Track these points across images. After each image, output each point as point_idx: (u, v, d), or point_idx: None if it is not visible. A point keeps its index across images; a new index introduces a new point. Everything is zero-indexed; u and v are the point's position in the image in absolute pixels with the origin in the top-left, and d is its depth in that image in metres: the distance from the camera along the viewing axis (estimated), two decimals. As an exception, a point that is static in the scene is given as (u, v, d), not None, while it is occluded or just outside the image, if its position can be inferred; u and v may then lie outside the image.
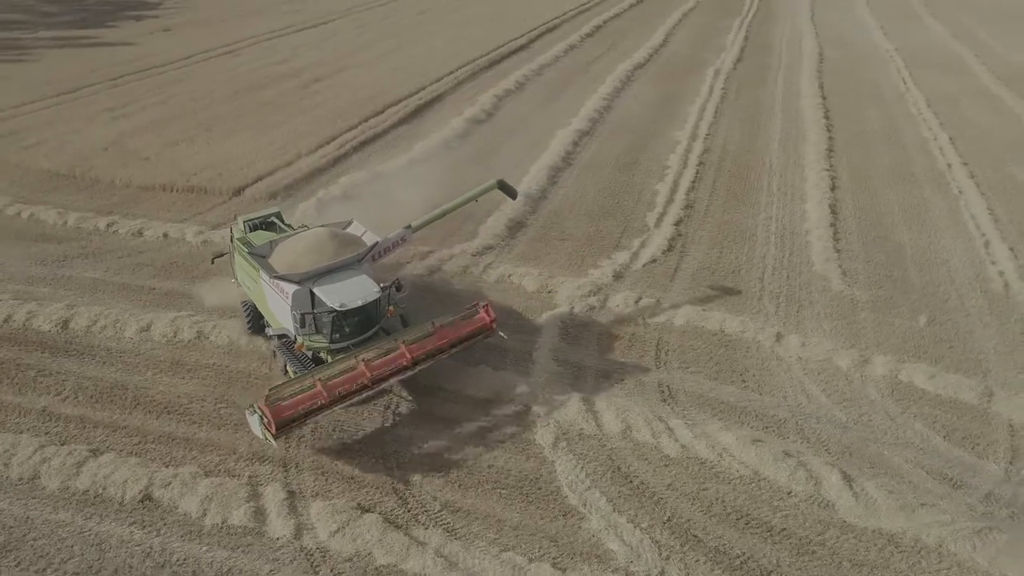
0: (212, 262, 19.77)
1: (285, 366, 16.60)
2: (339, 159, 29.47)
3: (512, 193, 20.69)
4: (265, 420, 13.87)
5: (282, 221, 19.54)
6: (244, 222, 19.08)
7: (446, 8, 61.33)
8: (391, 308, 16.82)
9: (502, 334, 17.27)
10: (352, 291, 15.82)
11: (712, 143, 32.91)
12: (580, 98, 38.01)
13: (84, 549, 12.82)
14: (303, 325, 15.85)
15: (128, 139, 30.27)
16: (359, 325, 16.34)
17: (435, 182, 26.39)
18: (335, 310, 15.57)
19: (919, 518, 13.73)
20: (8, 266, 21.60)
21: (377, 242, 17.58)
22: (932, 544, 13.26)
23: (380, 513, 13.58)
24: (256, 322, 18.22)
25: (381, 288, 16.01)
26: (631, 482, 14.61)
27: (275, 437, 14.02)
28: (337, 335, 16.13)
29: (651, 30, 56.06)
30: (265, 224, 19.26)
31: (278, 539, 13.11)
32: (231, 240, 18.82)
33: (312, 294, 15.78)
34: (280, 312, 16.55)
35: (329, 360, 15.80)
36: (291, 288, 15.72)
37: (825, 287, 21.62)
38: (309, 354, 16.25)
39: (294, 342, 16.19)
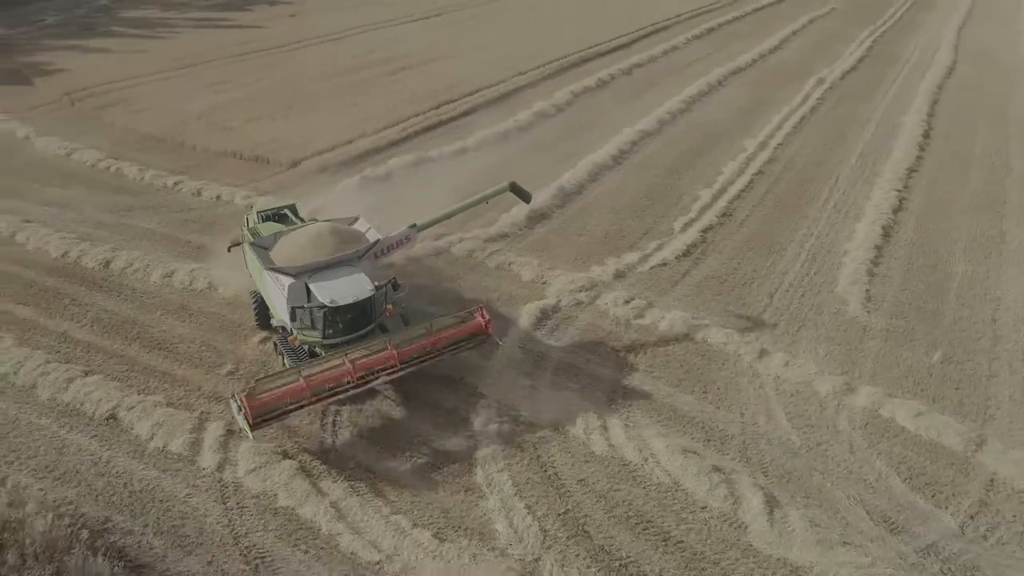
0: (228, 250, 19.79)
1: (283, 359, 16.86)
2: (397, 142, 30.89)
3: (525, 196, 20.55)
4: (243, 411, 14.09)
5: (295, 214, 19.78)
6: (258, 213, 19.68)
7: (558, 5, 61.68)
8: (390, 307, 16.80)
9: (498, 341, 17.22)
10: (346, 288, 15.86)
11: (780, 154, 31.30)
12: (660, 99, 37.27)
13: (48, 451, 14.81)
14: (294, 319, 15.96)
15: (220, 111, 33.37)
16: (353, 322, 16.29)
17: (474, 172, 27.27)
18: (326, 306, 15.62)
19: (834, 556, 12.88)
20: (84, 211, 24.72)
21: (378, 240, 17.49)
22: (835, 583, 12.45)
23: (298, 461, 14.58)
24: (264, 314, 18.25)
25: (376, 287, 16.03)
26: (545, 471, 14.69)
27: (252, 428, 14.17)
28: (331, 331, 16.14)
29: (767, 34, 53.57)
30: (278, 216, 19.58)
31: (203, 469, 14.47)
32: (244, 229, 19.59)
33: (308, 288, 15.91)
34: (279, 304, 16.66)
35: (322, 355, 15.89)
36: (287, 281, 16.03)
37: (839, 310, 20.25)
38: (306, 348, 16.36)
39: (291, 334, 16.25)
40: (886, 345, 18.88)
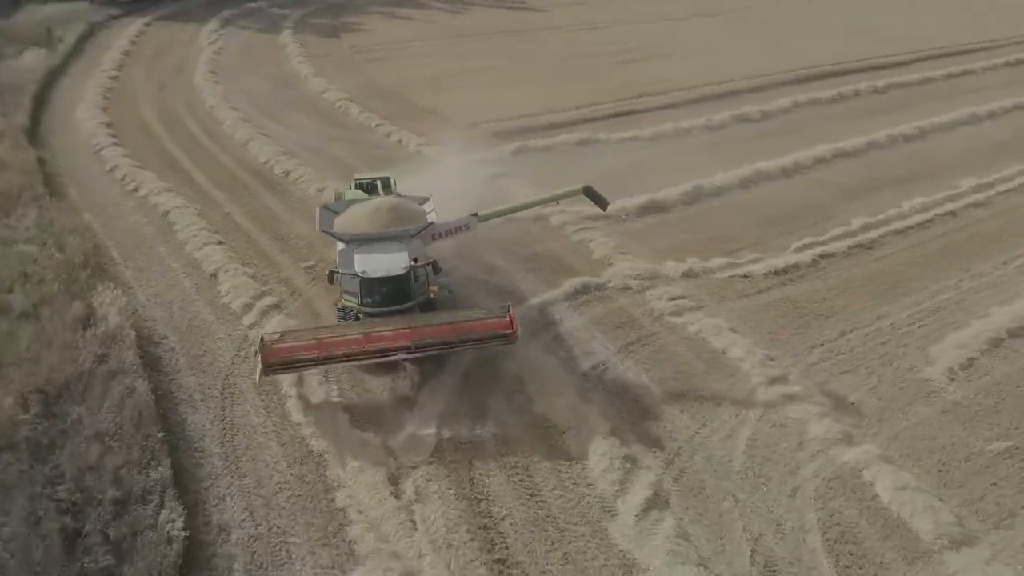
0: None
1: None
2: (577, 121, 32.42)
3: (602, 203, 19.87)
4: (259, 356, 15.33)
5: (387, 187, 20.81)
6: (354, 180, 21.29)
7: (857, 10, 55.96)
8: (434, 288, 17.45)
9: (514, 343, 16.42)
10: (381, 262, 16.50)
11: (998, 200, 26.16)
12: (890, 122, 33.01)
13: (164, 285, 20.13)
14: (331, 282, 17.24)
15: (448, 77, 38.11)
16: (390, 296, 16.72)
17: (627, 161, 28.12)
18: (358, 275, 16.60)
19: (679, 570, 12.34)
20: (304, 134, 30.91)
21: (431, 223, 18.04)
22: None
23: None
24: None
25: (412, 266, 16.52)
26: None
27: (262, 374, 15.38)
28: (368, 300, 16.77)
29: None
30: (370, 186, 20.79)
31: (242, 325, 18.45)
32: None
33: (352, 256, 16.98)
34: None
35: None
36: (340, 246, 17.52)
37: (913, 367, 17.52)
38: (353, 311, 17.21)
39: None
40: (941, 417, 16.04)
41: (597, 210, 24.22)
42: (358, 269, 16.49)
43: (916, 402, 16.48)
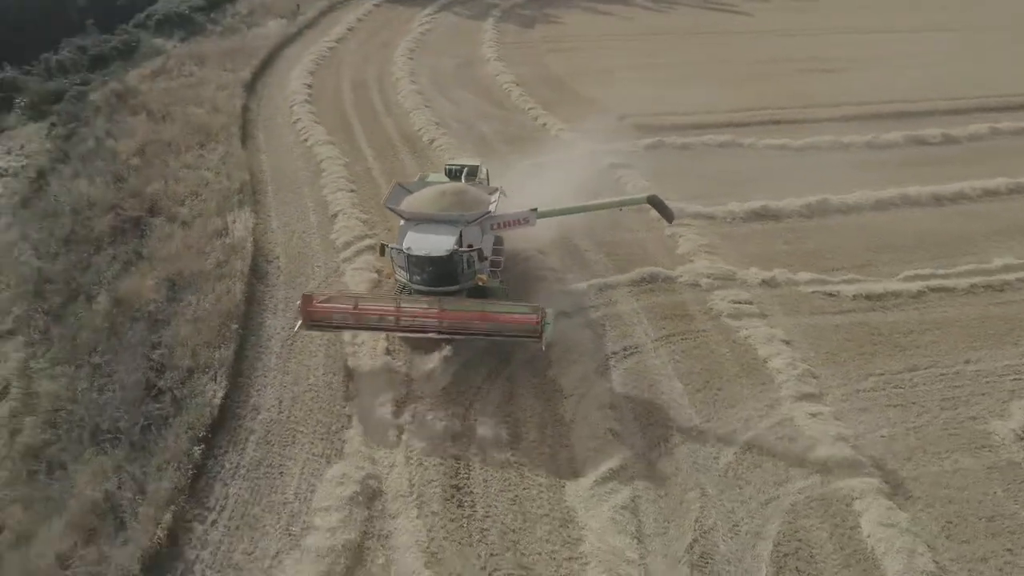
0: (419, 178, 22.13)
1: None
2: (729, 124, 31.56)
3: (667, 214, 19.39)
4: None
5: (472, 175, 21.14)
6: (445, 165, 22.13)
7: None
8: (482, 277, 17.63)
9: (543, 347, 16.36)
10: (427, 242, 17.03)
11: None
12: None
13: (296, 215, 23.69)
14: (381, 254, 18.17)
15: (621, 71, 38.59)
16: (435, 276, 17.21)
17: (764, 167, 27.45)
18: (402, 251, 17.27)
19: (610, 526, 12.81)
20: (463, 110, 33.59)
21: (487, 213, 18.15)
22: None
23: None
24: None
25: (454, 251, 16.87)
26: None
27: (300, 326, 16.69)
28: (416, 277, 17.39)
29: None
30: (458, 172, 21.33)
31: (339, 258, 21.32)
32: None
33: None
34: None
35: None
36: (401, 223, 18.39)
37: (980, 416, 15.75)
38: (404, 287, 17.93)
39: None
40: (984, 472, 14.55)
41: (700, 207, 24.47)
42: (404, 245, 17.21)
43: (961, 451, 14.97)
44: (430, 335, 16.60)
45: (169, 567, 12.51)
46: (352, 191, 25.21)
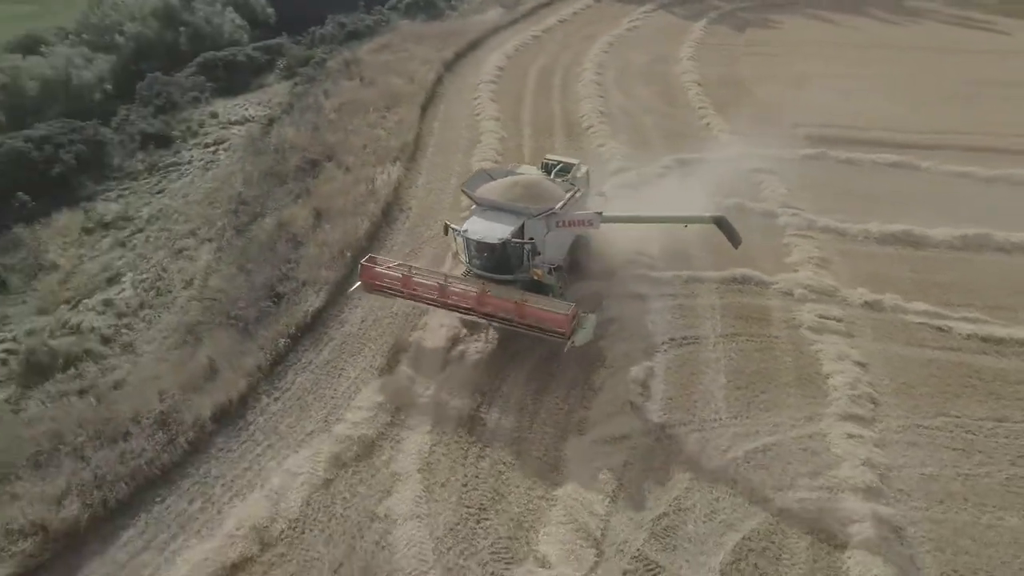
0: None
1: None
2: (914, 146, 28.72)
3: (734, 239, 17.59)
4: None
5: (564, 172, 20.75)
6: (544, 158, 22.02)
7: None
8: (536, 271, 17.54)
9: (572, 344, 16.28)
10: (485, 228, 17.35)
11: None
12: None
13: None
14: (445, 233, 18.69)
15: (815, 79, 36.17)
16: (489, 263, 17.50)
17: (923, 193, 25.33)
18: (458, 232, 17.71)
19: (588, 482, 13.63)
20: (628, 102, 34.35)
21: (551, 209, 17.93)
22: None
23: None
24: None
25: (508, 240, 17.02)
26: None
27: (357, 287, 18.02)
28: (474, 261, 17.76)
29: None
30: (552, 167, 21.17)
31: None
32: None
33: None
34: None
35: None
36: (472, 206, 18.84)
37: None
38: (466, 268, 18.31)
39: None
40: (1029, 534, 12.88)
41: (833, 221, 23.26)
42: (462, 227, 17.70)
43: (1011, 510, 13.49)
44: (467, 316, 17.23)
45: (231, 422, 15.68)
46: (496, 163, 27.37)
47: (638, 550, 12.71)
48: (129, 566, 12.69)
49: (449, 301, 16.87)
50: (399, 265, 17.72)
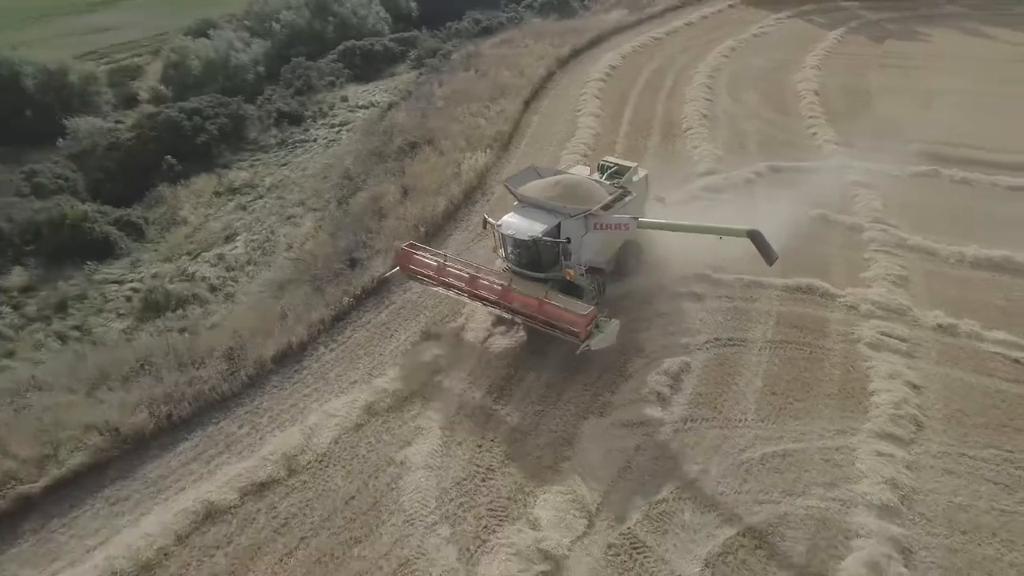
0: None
1: None
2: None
3: (767, 255, 16.58)
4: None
5: (617, 175, 20.33)
6: (601, 160, 21.51)
7: None
8: (570, 271, 17.57)
9: (587, 346, 15.99)
10: (519, 224, 17.42)
11: None
12: None
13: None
14: (484, 227, 18.93)
15: (944, 95, 33.76)
16: (523, 259, 17.64)
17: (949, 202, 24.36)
18: (493, 225, 17.92)
19: (603, 460, 14.08)
20: (736, 107, 33.60)
21: (588, 210, 17.60)
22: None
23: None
24: None
25: (539, 239, 17.01)
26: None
27: (394, 271, 18.68)
28: (512, 257, 17.87)
29: None
30: (606, 168, 20.79)
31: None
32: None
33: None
34: None
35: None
36: (514, 202, 18.68)
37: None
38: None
39: None
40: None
41: (926, 241, 22.04)
42: (498, 221, 17.87)
43: (1043, 548, 12.48)
44: (490, 308, 17.48)
45: (290, 364, 17.40)
46: (585, 156, 27.88)
47: (629, 528, 13.02)
48: (179, 471, 14.58)
49: (477, 293, 17.16)
50: (434, 254, 18.18)
